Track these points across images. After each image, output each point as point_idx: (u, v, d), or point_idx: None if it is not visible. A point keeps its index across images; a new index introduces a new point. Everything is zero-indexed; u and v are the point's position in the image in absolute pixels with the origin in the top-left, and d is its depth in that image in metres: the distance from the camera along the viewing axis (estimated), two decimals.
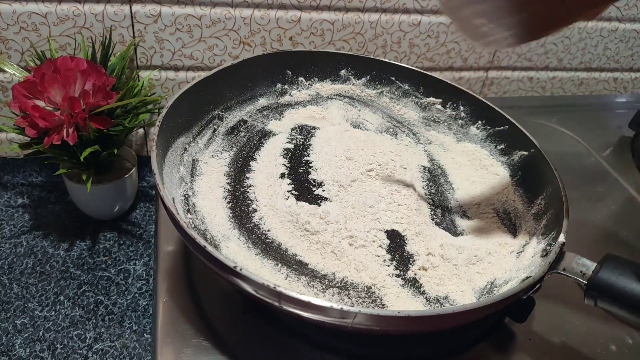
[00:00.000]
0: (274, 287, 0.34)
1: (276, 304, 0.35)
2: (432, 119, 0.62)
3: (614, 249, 0.41)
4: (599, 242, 0.58)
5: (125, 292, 0.59)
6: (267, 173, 0.53)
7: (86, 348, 0.54)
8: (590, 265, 0.39)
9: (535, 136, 0.53)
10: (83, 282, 0.59)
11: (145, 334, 0.55)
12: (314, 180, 0.52)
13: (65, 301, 0.57)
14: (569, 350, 0.46)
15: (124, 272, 0.61)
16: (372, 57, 0.62)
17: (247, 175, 0.52)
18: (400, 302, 0.42)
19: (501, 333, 0.46)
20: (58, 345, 0.53)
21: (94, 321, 0.56)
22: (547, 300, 0.48)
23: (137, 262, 0.62)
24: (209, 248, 0.35)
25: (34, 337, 0.54)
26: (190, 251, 0.49)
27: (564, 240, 0.41)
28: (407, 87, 0.62)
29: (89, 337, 0.54)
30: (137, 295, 0.59)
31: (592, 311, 0.46)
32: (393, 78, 0.62)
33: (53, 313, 0.56)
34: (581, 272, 0.39)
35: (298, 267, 0.44)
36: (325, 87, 0.63)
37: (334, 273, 0.44)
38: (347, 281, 0.43)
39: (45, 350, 0.53)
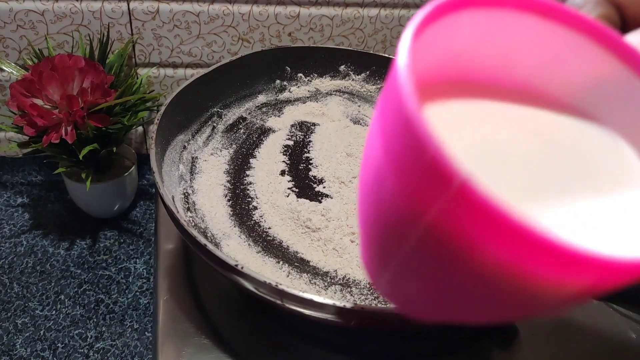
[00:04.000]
0: (276, 285, 0.33)
1: (278, 302, 0.35)
2: None
3: None
4: None
5: (126, 291, 0.59)
6: (267, 170, 0.52)
7: (87, 347, 0.53)
8: None
9: None
10: (84, 281, 0.59)
11: (146, 333, 0.55)
12: (314, 177, 0.52)
13: (66, 300, 0.57)
14: (573, 346, 0.45)
15: (124, 271, 0.61)
16: (371, 52, 0.62)
17: (247, 172, 0.52)
18: None
19: (504, 328, 0.45)
20: (59, 345, 0.53)
21: (95, 320, 0.56)
22: None
23: (137, 260, 0.62)
24: (210, 246, 0.35)
25: (34, 336, 0.54)
26: (191, 249, 0.49)
27: None
28: None
29: (90, 336, 0.54)
30: (137, 293, 0.59)
31: (597, 306, 0.46)
32: None
33: (54, 312, 0.56)
34: None
35: (300, 264, 0.44)
36: (325, 83, 0.62)
37: (335, 270, 0.43)
38: (349, 278, 0.43)
39: (47, 350, 0.53)
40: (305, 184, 0.51)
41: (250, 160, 0.53)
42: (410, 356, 0.44)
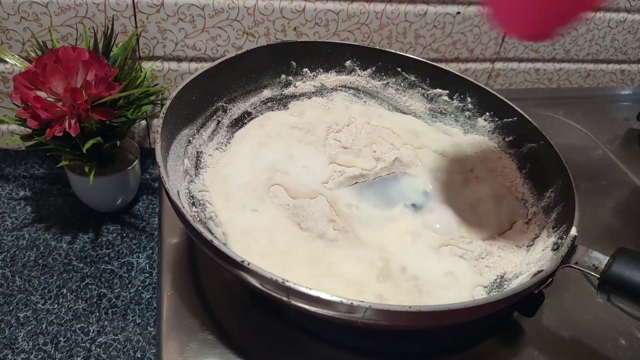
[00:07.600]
0: (283, 282, 0.33)
1: (284, 298, 0.34)
2: (439, 110, 0.62)
3: (622, 242, 0.40)
4: (606, 235, 0.57)
5: (129, 285, 0.58)
6: None
7: (89, 341, 0.53)
8: (602, 259, 0.38)
9: (542, 128, 0.52)
10: (86, 275, 0.59)
11: (148, 327, 0.55)
12: None
13: (68, 294, 0.57)
14: (579, 345, 0.45)
15: (127, 265, 0.60)
16: (377, 47, 0.61)
17: None
18: None
19: (510, 327, 0.45)
20: (61, 339, 0.53)
21: (97, 314, 0.55)
22: (555, 295, 0.48)
23: (140, 255, 0.62)
24: (216, 242, 0.35)
25: (37, 330, 0.53)
26: (195, 244, 0.49)
27: (576, 234, 0.40)
28: (413, 78, 0.61)
29: (92, 331, 0.54)
30: (140, 288, 0.58)
31: (601, 305, 0.45)
32: (399, 69, 0.61)
33: (56, 306, 0.56)
34: (594, 265, 0.38)
35: None
36: (330, 79, 0.62)
37: None
38: None
39: (49, 344, 0.52)
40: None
41: None
42: (414, 354, 0.44)
